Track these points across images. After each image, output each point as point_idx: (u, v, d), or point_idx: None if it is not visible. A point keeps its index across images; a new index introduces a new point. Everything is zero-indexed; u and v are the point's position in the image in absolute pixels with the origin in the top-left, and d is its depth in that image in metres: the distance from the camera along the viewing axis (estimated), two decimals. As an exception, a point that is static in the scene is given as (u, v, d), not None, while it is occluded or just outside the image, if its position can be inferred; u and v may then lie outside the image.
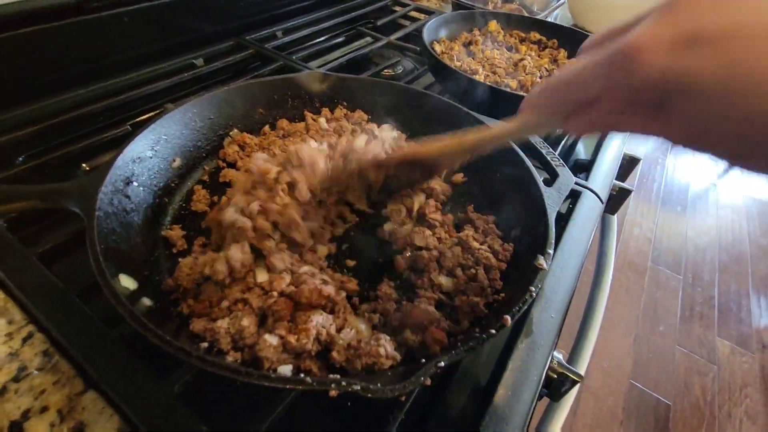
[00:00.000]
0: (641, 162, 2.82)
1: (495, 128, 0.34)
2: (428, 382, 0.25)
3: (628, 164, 0.81)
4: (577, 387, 0.50)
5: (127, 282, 0.30)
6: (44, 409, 0.32)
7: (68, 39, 0.59)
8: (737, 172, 2.96)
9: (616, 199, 0.74)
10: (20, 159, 0.52)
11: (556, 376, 0.45)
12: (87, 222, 0.31)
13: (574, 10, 1.17)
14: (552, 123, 0.29)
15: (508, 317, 0.29)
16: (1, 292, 0.38)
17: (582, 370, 0.58)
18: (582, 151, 0.76)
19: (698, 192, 2.83)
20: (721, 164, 3.02)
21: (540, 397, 0.46)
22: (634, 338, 1.90)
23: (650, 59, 0.19)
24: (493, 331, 0.28)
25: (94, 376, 0.32)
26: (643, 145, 3.06)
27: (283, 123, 0.53)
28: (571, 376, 0.45)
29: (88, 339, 0.33)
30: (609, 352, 1.82)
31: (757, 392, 1.66)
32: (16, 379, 0.33)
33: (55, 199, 0.32)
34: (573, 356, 0.60)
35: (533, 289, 0.31)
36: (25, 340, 0.35)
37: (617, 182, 0.75)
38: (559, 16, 1.29)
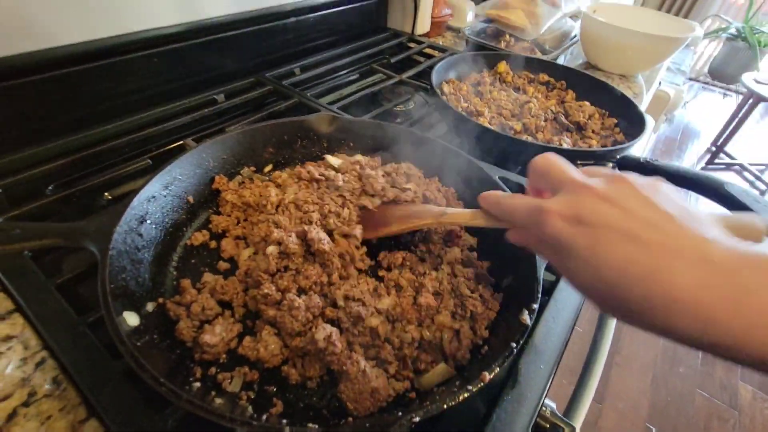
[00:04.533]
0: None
1: (450, 215, 0.43)
2: (402, 436, 0.26)
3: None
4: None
5: (132, 319, 0.33)
6: (49, 435, 0.34)
7: (100, 78, 0.64)
8: None
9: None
10: (50, 189, 0.56)
11: (548, 426, 0.45)
12: (100, 261, 0.33)
13: (587, 50, 1.19)
14: (495, 226, 0.38)
15: (486, 374, 0.30)
16: (21, 317, 0.41)
17: (579, 421, 0.57)
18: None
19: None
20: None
21: (531, 447, 0.46)
22: (651, 379, 1.82)
23: (552, 223, 0.28)
24: (471, 388, 0.29)
25: (96, 405, 0.34)
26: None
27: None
28: (563, 426, 0.44)
29: (94, 369, 0.35)
30: (624, 393, 1.75)
31: (779, 442, 1.56)
32: (26, 404, 0.35)
33: (75, 238, 0.35)
34: (570, 406, 0.59)
35: (514, 345, 0.32)
36: (38, 365, 0.38)
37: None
38: (574, 53, 1.32)
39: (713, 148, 3.35)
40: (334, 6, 1.00)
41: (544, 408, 0.43)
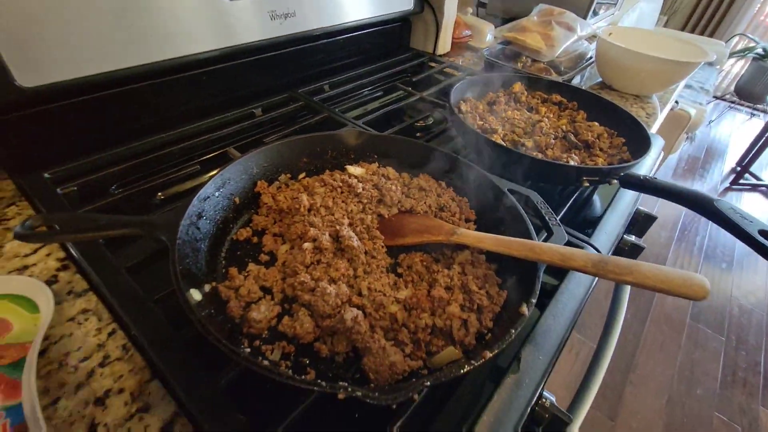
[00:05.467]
0: (682, 214, 2.71)
1: (460, 236, 0.50)
2: (416, 398, 0.32)
3: (644, 221, 0.85)
4: (570, 429, 0.54)
5: (196, 295, 0.40)
6: (121, 391, 0.41)
7: (157, 94, 0.73)
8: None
9: (627, 255, 0.77)
10: (113, 188, 0.65)
11: (548, 416, 0.49)
12: (171, 248, 0.41)
13: (602, 71, 1.24)
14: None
15: (488, 352, 0.35)
16: (94, 295, 0.49)
17: (581, 414, 0.61)
18: (598, 206, 0.81)
19: (746, 249, 2.67)
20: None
21: (532, 437, 0.50)
22: (667, 399, 1.80)
23: None
24: (474, 362, 0.34)
25: (160, 367, 0.41)
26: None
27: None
28: (561, 417, 0.49)
29: (159, 338, 0.42)
30: (638, 411, 1.74)
31: (802, 471, 1.52)
32: (101, 365, 0.43)
33: (149, 228, 0.42)
34: (574, 403, 0.63)
35: (513, 331, 0.37)
36: (109, 334, 0.45)
37: (630, 238, 0.79)
38: (590, 73, 1.36)
39: (738, 168, 3.30)
40: (361, 29, 1.09)
41: (543, 399, 0.48)
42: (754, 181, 3.24)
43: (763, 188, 3.21)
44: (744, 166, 3.23)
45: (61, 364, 0.43)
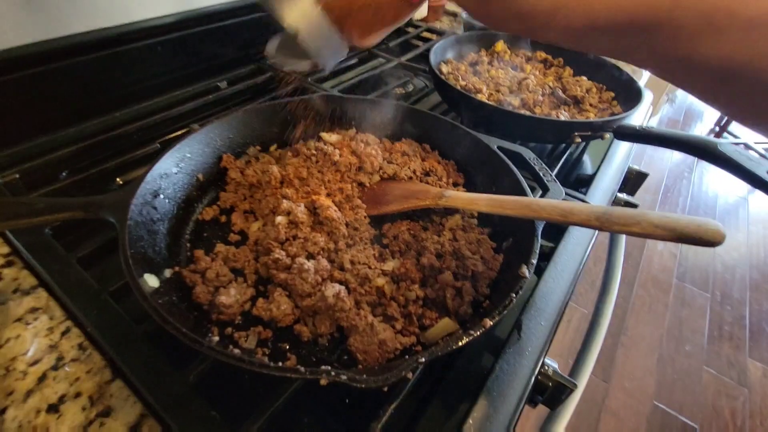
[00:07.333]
0: (665, 176, 2.72)
1: (449, 198, 0.46)
2: (410, 375, 0.28)
3: (636, 178, 0.82)
4: (576, 396, 0.51)
5: (152, 281, 0.35)
6: (78, 395, 0.36)
7: (107, 67, 0.66)
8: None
9: (621, 213, 0.75)
10: (63, 174, 0.58)
11: (551, 384, 0.46)
12: (119, 230, 0.35)
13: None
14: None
15: (488, 320, 0.32)
16: (44, 291, 0.44)
17: (583, 380, 0.59)
18: (589, 166, 0.78)
19: (727, 207, 2.74)
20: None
21: (535, 404, 0.48)
22: (657, 358, 1.83)
23: None
24: (473, 333, 0.31)
25: (122, 366, 0.36)
26: (664, 161, 3.00)
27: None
28: (565, 384, 0.46)
29: (118, 333, 0.37)
30: (630, 372, 1.77)
31: (790, 418, 1.58)
32: (54, 368, 0.38)
33: (95, 210, 0.37)
34: (576, 367, 0.61)
35: (513, 295, 0.34)
36: (63, 333, 0.40)
37: (623, 196, 0.76)
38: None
39: (717, 129, 3.33)
40: (331, -8, 1.01)
41: (546, 367, 0.45)
42: (732, 139, 3.28)
43: (742, 146, 3.25)
44: (722, 126, 3.26)
45: (8, 370, 0.37)
